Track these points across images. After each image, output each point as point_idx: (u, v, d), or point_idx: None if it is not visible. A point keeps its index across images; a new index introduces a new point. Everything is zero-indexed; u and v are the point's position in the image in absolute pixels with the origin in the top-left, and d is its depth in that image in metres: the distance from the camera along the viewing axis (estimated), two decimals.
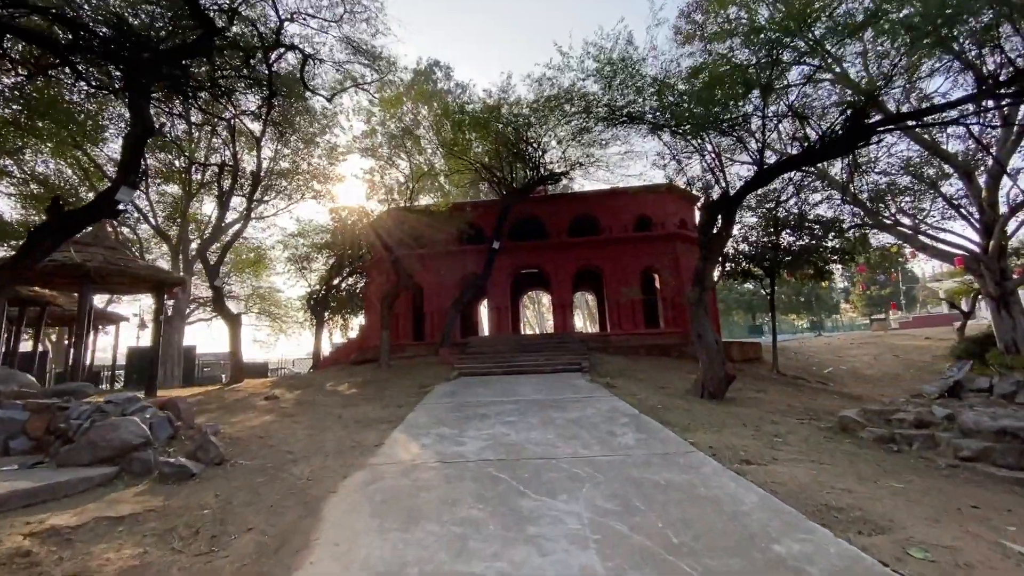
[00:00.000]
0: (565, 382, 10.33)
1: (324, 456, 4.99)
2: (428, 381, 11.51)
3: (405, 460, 4.71)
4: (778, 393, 11.54)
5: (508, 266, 17.96)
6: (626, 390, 9.65)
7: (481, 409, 7.27)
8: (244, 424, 7.07)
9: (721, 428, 6.38)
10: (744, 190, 10.37)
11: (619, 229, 17.99)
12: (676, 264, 17.08)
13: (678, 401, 8.78)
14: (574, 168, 16.85)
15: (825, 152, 9.58)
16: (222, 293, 15.91)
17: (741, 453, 4.99)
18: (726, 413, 7.84)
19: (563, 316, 17.64)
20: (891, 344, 26.11)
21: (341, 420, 7.21)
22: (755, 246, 15.74)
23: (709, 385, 9.67)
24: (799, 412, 8.97)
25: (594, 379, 10.84)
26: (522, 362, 13.23)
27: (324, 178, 20.78)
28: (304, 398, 10.37)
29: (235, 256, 27.16)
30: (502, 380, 11.10)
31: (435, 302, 17.92)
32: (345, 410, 8.29)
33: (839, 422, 6.28)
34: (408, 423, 6.57)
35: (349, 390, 11.37)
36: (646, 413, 6.92)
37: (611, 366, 13.43)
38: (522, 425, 6.06)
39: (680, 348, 16.03)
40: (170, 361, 21.80)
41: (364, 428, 6.44)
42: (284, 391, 11.87)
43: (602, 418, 6.34)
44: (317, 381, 13.50)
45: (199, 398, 11.26)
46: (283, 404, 9.55)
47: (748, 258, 15.95)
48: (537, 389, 9.28)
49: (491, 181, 16.85)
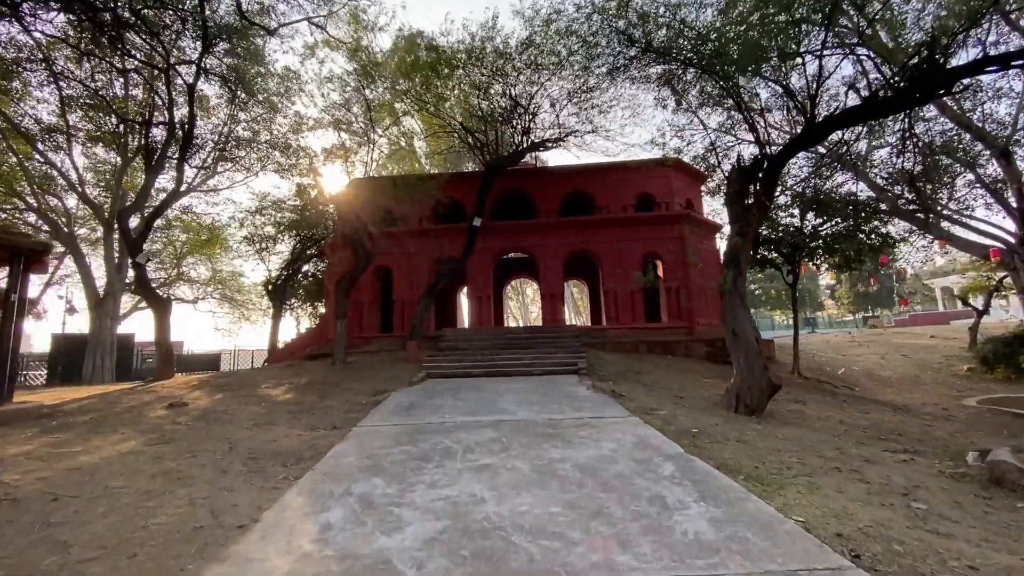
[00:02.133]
0: (561, 389, 8.03)
1: (113, 568, 2.56)
2: (386, 385, 9.10)
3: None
4: (818, 404, 9.46)
5: (491, 249, 15.56)
6: (640, 402, 7.39)
7: (445, 439, 4.91)
8: (73, 460, 4.58)
9: (812, 475, 4.16)
10: (791, 148, 8.15)
11: (618, 209, 15.71)
12: (682, 249, 14.90)
13: (714, 420, 6.56)
14: (570, 136, 14.45)
15: (895, 103, 7.40)
16: (145, 271, 13.17)
17: (896, 547, 2.76)
18: (788, 442, 5.64)
19: (553, 307, 15.34)
20: (895, 343, 24.47)
21: (232, 453, 4.78)
22: (775, 229, 13.62)
23: (746, 396, 7.49)
24: (870, 435, 6.85)
25: (595, 385, 8.56)
26: (505, 361, 10.90)
27: (286, 149, 18.10)
28: (217, 407, 7.88)
29: (193, 236, 24.19)
30: (480, 385, 8.75)
31: (405, 289, 15.44)
32: (254, 432, 5.85)
33: (989, 470, 4.10)
34: (325, 466, 4.18)
35: (284, 395, 8.89)
36: (688, 447, 4.66)
37: (611, 367, 11.20)
38: (505, 477, 3.73)
39: (686, 345, 13.89)
40: (100, 351, 18.88)
41: (251, 476, 4.03)
42: (202, 394, 9.35)
43: (631, 462, 4.05)
44: (255, 380, 10.96)
45: (81, 404, 8.67)
46: (180, 418, 7.05)
47: (767, 243, 13.83)
48: (526, 401, 6.96)
49: (473, 148, 14.35)
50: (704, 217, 16.06)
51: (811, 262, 13.64)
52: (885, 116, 8.62)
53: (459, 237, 14.45)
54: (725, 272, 7.98)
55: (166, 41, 12.69)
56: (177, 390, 10.23)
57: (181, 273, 26.28)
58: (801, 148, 8.40)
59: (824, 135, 8.40)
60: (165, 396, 9.41)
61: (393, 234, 15.53)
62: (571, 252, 15.61)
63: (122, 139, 18.20)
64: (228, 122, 18.76)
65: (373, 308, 16.04)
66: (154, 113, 14.25)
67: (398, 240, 15.48)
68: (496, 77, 11.72)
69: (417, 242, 15.44)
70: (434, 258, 15.34)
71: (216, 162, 20.48)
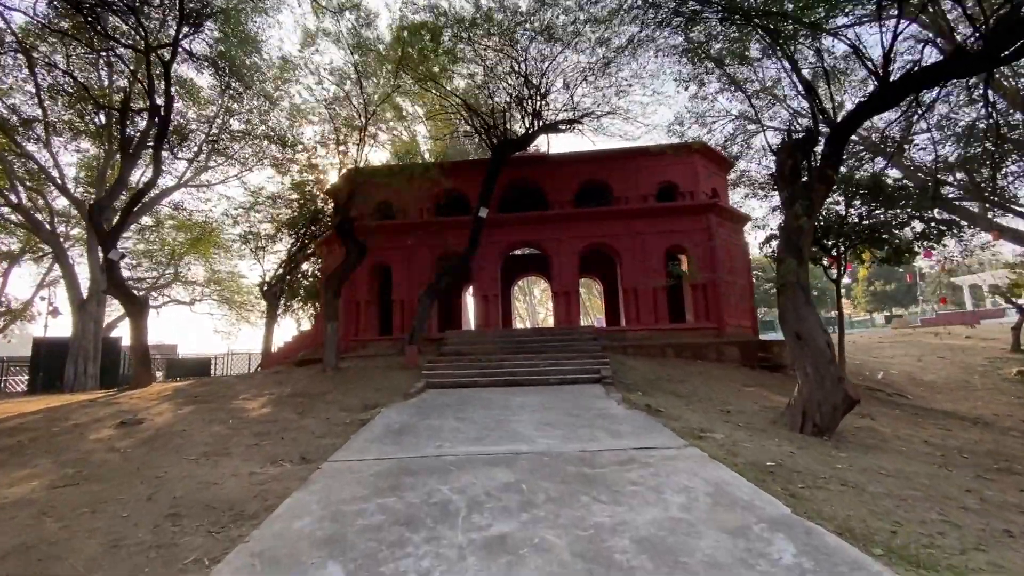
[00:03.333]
0: (586, 404, 6.66)
1: None
2: (378, 398, 7.77)
3: None
4: (888, 419, 8.03)
5: (499, 243, 14.21)
6: (686, 422, 6.01)
7: (442, 485, 3.57)
8: None
9: (982, 546, 2.77)
10: (861, 112, 6.75)
11: (637, 199, 14.30)
12: (710, 242, 13.47)
13: (784, 446, 5.18)
14: (586, 118, 13.10)
15: (985, 58, 5.99)
16: (118, 269, 11.93)
17: None
18: (898, 480, 4.25)
19: (567, 306, 13.94)
20: (927, 344, 22.80)
21: (149, 506, 3.46)
22: (818, 217, 12.13)
23: (814, 413, 6.10)
24: (977, 462, 5.45)
25: (627, 398, 7.18)
26: (517, 368, 9.54)
27: (280, 140, 16.91)
28: (175, 425, 6.59)
29: (184, 235, 23.01)
30: (488, 399, 7.39)
31: (405, 288, 14.11)
32: (198, 467, 4.54)
33: None
34: (267, 535, 2.85)
35: (258, 410, 7.59)
36: (783, 496, 3.29)
37: (637, 374, 9.81)
38: (533, 566, 2.39)
39: (717, 348, 12.46)
40: (83, 355, 17.69)
41: (150, 557, 2.69)
42: (168, 408, 8.09)
43: (721, 535, 2.68)
44: (234, 390, 9.68)
45: (24, 419, 7.41)
46: (123, 442, 5.78)
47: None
48: (546, 421, 5.59)
49: (479, 130, 13.02)
50: (733, 207, 14.63)
51: (853, 255, 12.15)
52: (972, 74, 7.19)
53: (463, 231, 13.10)
54: (784, 261, 6.59)
55: (147, 24, 11.56)
56: (143, 402, 8.97)
57: (179, 274, 25.15)
58: (873, 112, 7.00)
59: (900, 96, 6.97)
60: (126, 410, 8.15)
61: (392, 227, 14.23)
62: (586, 246, 14.23)
63: (104, 131, 17.08)
64: (220, 113, 17.67)
65: (370, 308, 14.73)
66: (130, 99, 13.06)
67: (397, 234, 14.17)
68: (505, 47, 10.36)
69: (418, 236, 14.10)
70: (436, 254, 14.02)
71: (208, 156, 19.39)
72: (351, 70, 10.37)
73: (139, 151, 13.36)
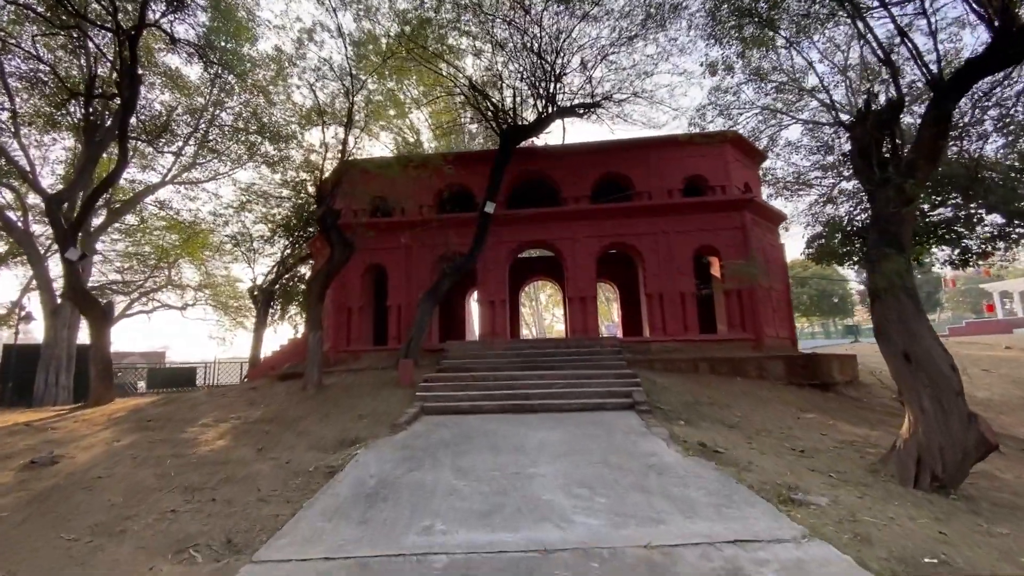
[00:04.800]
0: (626, 448, 5.09)
1: None
2: (359, 429, 6.25)
3: None
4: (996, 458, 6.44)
5: (507, 243, 12.70)
6: (760, 470, 4.46)
7: None
8: None
9: None
10: (978, 66, 5.20)
11: (662, 194, 12.75)
12: (745, 242, 11.90)
13: (926, 521, 3.61)
14: (606, 101, 11.63)
15: None
16: (77, 270, 10.52)
17: None
18: None
19: (583, 313, 12.39)
20: (966, 355, 20.98)
21: None
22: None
23: (935, 462, 4.53)
24: None
25: (675, 436, 5.61)
26: (529, 389, 7.98)
27: (275, 136, 15.53)
28: (93, 469, 5.12)
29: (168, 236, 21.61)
30: (496, 434, 5.84)
31: (403, 292, 12.60)
32: (66, 560, 3.04)
33: None
34: None
35: (211, 443, 6.10)
36: None
37: (671, 395, 8.24)
38: None
39: (758, 363, 10.84)
40: (55, 364, 16.28)
41: None
42: (107, 437, 6.65)
43: None
44: (195, 412, 8.19)
45: None
46: (6, 499, 4.28)
47: (853, 233, 10.77)
48: (578, 479, 4.04)
49: (485, 115, 11.55)
50: (768, 204, 13.04)
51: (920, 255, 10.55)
52: None
53: (467, 228, 11.60)
54: (886, 259, 5.01)
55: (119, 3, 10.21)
56: (85, 428, 7.50)
57: (170, 277, 23.76)
58: (994, 68, 5.42)
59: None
60: (54, 440, 6.70)
61: (387, 225, 12.74)
62: (604, 246, 12.69)
63: (83, 123, 15.74)
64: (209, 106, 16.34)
65: (364, 315, 13.22)
66: (95, 79, 11.71)
67: (393, 232, 12.67)
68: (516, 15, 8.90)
69: (416, 235, 12.58)
70: (437, 254, 12.50)
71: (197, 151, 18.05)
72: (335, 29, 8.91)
73: (107, 139, 12.01)
